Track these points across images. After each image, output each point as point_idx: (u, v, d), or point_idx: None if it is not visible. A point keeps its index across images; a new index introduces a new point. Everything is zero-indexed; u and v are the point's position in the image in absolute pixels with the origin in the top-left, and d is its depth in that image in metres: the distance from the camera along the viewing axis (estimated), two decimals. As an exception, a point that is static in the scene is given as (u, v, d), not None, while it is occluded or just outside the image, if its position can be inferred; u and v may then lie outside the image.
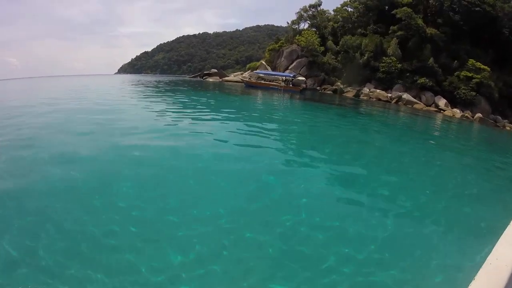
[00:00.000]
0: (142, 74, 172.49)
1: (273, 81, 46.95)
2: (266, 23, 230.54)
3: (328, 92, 51.39)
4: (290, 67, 58.12)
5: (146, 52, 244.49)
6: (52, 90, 36.99)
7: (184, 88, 43.05)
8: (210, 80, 66.89)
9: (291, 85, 44.98)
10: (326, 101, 35.78)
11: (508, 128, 39.97)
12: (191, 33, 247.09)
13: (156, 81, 60.63)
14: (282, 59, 60.11)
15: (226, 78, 60.78)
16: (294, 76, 47.75)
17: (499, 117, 43.07)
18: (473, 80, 44.40)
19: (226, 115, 18.52)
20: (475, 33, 49.76)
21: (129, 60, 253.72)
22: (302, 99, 35.48)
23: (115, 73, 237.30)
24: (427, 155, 13.84)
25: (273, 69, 60.25)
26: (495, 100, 45.20)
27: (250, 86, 47.58)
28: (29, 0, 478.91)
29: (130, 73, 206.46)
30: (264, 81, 47.71)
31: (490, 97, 44.79)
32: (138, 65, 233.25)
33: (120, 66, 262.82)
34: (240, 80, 56.12)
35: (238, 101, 28.77)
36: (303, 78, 55.25)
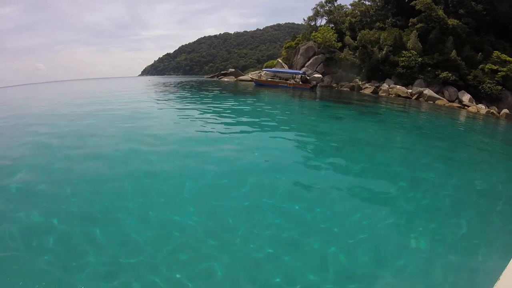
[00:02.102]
0: (165, 76, 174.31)
1: (286, 79, 45.75)
2: (287, 21, 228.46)
3: (345, 89, 49.66)
4: (306, 65, 56.74)
5: (168, 54, 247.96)
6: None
7: (186, 88, 42.77)
8: (225, 79, 66.49)
9: (300, 83, 43.59)
10: (340, 100, 33.97)
11: (538, 124, 37.44)
12: (212, 34, 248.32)
13: (168, 82, 60.76)
14: (299, 56, 58.77)
15: (241, 78, 60.07)
16: (303, 74, 46.26)
17: (528, 113, 40.41)
18: (499, 73, 41.82)
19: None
20: (500, 24, 47.12)
21: (152, 62, 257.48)
22: (313, 98, 33.71)
23: (138, 75, 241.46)
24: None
25: (290, 66, 59.06)
26: (522, 95, 42.39)
27: (260, 84, 46.68)
28: (55, 8, 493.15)
29: (153, 75, 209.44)
30: (277, 79, 46.56)
31: (517, 91, 42.04)
32: (161, 67, 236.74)
33: (143, 68, 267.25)
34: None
35: (232, 101, 27.37)
36: (320, 76, 53.84)
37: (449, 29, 47.41)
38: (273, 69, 56.10)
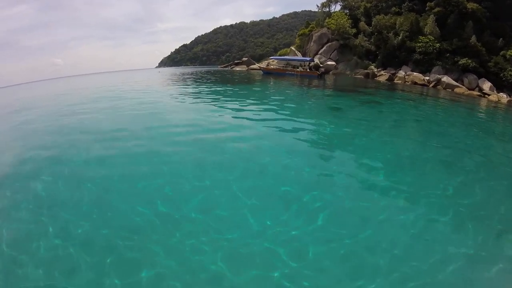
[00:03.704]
0: (182, 67, 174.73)
1: (296, 67, 44.52)
2: (303, 9, 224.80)
3: (359, 76, 47.90)
4: (320, 52, 55.28)
5: (185, 45, 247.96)
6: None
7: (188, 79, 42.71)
8: (237, 69, 65.69)
9: (308, 70, 42.27)
10: (352, 88, 32.36)
11: None
12: (228, 24, 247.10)
13: (181, 73, 61.06)
14: (312, 43, 57.32)
15: (252, 66, 59.00)
16: (311, 61, 44.87)
17: (553, 101, 38.19)
18: (522, 60, 39.63)
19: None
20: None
21: (169, 53, 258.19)
22: (321, 87, 32.21)
23: (155, 67, 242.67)
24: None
25: (303, 54, 57.68)
26: (547, 82, 40.07)
27: (267, 73, 45.62)
28: (70, 5, 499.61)
29: (170, 66, 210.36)
30: (290, 67, 45.27)
31: (542, 79, 39.72)
32: (178, 58, 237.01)
33: (160, 60, 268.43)
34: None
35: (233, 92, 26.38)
36: (334, 63, 52.32)
37: (469, 14, 45.11)
38: (280, 57, 55.12)
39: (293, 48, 64.44)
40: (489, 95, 38.16)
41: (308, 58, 46.39)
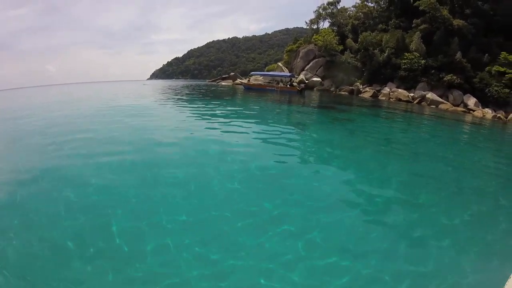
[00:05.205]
0: (173, 80, 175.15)
1: (278, 82, 44.13)
2: (296, 26, 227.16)
3: (344, 93, 47.59)
4: (306, 68, 55.09)
5: (177, 58, 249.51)
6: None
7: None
8: (223, 83, 65.49)
9: (288, 86, 41.84)
10: (331, 105, 31.47)
11: (548, 129, 34.99)
12: (221, 38, 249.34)
13: (165, 86, 60.81)
14: (298, 59, 57.24)
15: (237, 82, 58.53)
16: (292, 77, 44.41)
17: (538, 117, 37.94)
18: (506, 75, 39.37)
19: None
20: (508, 24, 44.65)
21: (161, 66, 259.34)
22: (296, 103, 31.13)
23: (147, 79, 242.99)
24: None
25: (290, 70, 57.36)
26: (532, 98, 39.90)
27: (248, 88, 45.13)
28: (66, 11, 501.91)
29: (161, 79, 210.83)
30: (275, 82, 44.79)
31: (527, 94, 39.56)
32: (169, 71, 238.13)
33: (152, 72, 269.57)
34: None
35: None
36: (319, 79, 52.08)
37: (455, 30, 45.18)
38: (260, 72, 55.06)
39: (280, 64, 64.30)
40: (474, 110, 37.99)
41: (288, 74, 46.00)
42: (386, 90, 45.48)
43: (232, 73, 76.10)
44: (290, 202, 6.97)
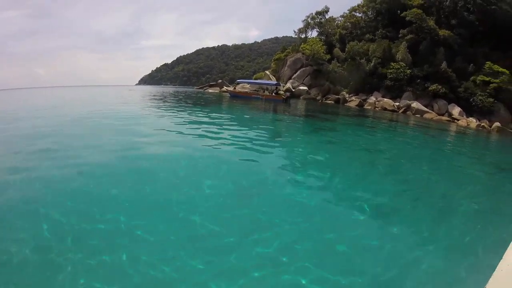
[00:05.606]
0: (161, 86, 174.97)
1: (265, 90, 44.01)
2: (285, 35, 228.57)
3: (330, 102, 47.68)
4: (293, 77, 55.25)
5: (166, 64, 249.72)
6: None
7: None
8: (210, 90, 65.35)
9: (273, 94, 41.77)
10: (314, 114, 31.12)
11: (531, 138, 35.35)
12: (211, 46, 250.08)
13: (152, 92, 60.12)
14: (286, 68, 57.42)
15: (223, 89, 58.48)
16: (277, 85, 44.33)
17: (521, 126, 38.36)
18: (491, 85, 39.87)
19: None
20: (493, 34, 45.34)
21: (150, 72, 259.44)
22: (280, 112, 30.61)
23: (135, 84, 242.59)
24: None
25: (278, 79, 57.31)
26: (516, 107, 40.47)
27: (234, 96, 44.97)
28: (57, 15, 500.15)
29: (150, 84, 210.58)
30: (262, 91, 44.66)
31: (510, 103, 39.93)
32: (158, 77, 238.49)
33: (141, 77, 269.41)
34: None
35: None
36: (306, 88, 52.17)
37: (440, 40, 45.88)
38: (246, 80, 55.03)
39: (267, 72, 64.34)
40: (458, 120, 38.39)
41: (274, 82, 45.83)
42: (372, 99, 45.74)
43: (220, 81, 76.27)
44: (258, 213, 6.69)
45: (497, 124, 35.97)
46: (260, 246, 5.19)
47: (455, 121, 38.38)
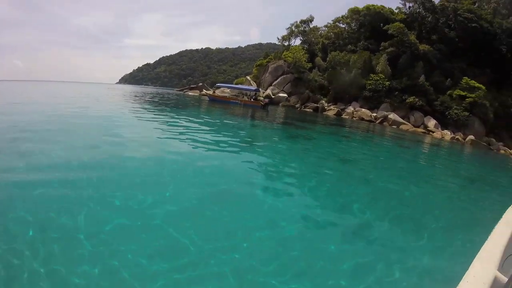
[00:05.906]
0: (142, 86, 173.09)
1: (244, 96, 43.91)
2: (269, 41, 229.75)
3: (308, 110, 47.85)
4: (274, 83, 55.32)
5: (148, 64, 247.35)
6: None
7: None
8: (190, 93, 64.68)
9: (252, 100, 41.72)
10: (292, 121, 31.01)
11: (502, 151, 36.21)
12: (194, 48, 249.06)
13: (130, 92, 58.86)
14: (267, 74, 57.46)
15: (203, 93, 58.09)
16: (256, 91, 44.28)
17: (493, 140, 39.37)
18: (467, 99, 41.19)
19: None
20: (472, 51, 46.66)
21: (131, 71, 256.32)
22: (257, 118, 30.46)
23: (116, 83, 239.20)
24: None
25: (258, 85, 57.28)
26: (490, 121, 41.84)
27: (213, 99, 44.64)
28: (41, 9, 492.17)
29: (131, 84, 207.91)
30: (241, 95, 44.51)
31: (485, 118, 41.36)
32: (139, 77, 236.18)
33: (122, 76, 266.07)
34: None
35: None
36: (285, 95, 52.28)
37: (420, 55, 47.02)
38: (226, 84, 55.03)
39: (248, 77, 64.30)
40: (433, 132, 39.19)
41: (253, 88, 45.62)
42: (350, 109, 46.19)
43: (200, 84, 75.76)
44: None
45: (471, 137, 36.94)
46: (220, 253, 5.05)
47: (430, 133, 39.22)
